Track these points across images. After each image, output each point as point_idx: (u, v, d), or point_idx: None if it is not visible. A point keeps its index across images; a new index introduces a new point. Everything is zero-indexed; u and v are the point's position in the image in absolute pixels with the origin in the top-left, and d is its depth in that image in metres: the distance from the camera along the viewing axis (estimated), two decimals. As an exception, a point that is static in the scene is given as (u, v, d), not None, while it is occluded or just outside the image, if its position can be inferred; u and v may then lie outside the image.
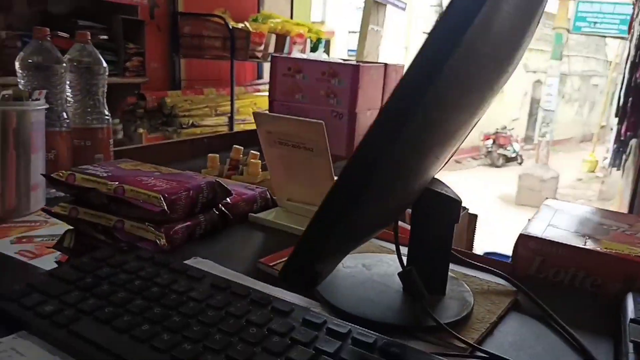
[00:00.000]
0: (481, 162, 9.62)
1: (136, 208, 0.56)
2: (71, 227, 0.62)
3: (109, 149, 0.98)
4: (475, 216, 0.82)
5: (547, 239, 0.57)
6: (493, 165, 9.42)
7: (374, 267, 0.51)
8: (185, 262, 0.51)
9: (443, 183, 0.47)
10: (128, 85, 2.32)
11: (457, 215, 0.46)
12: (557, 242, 0.56)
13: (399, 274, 0.42)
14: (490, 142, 9.42)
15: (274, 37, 2.52)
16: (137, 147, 1.32)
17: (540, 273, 0.57)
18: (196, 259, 0.54)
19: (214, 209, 0.65)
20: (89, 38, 0.96)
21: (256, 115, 0.63)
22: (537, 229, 0.60)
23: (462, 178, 6.94)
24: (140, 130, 2.29)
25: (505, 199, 6.94)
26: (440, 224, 0.46)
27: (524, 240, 0.58)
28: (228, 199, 0.66)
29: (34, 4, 2.23)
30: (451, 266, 0.55)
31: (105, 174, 0.60)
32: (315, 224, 0.28)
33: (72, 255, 0.58)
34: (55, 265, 0.54)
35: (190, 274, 0.45)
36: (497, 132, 9.38)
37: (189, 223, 0.60)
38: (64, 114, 0.93)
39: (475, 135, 9.03)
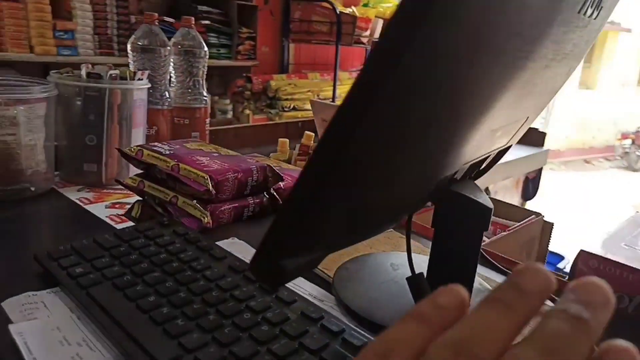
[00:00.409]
0: (615, 164, 8.65)
1: (188, 186, 0.60)
2: (140, 198, 0.68)
3: (205, 128, 1.04)
4: (550, 224, 0.75)
5: (611, 259, 0.50)
6: (630, 168, 8.42)
7: (401, 267, 0.49)
8: (220, 242, 0.53)
9: (477, 188, 0.44)
10: (239, 68, 2.44)
11: (486, 223, 0.42)
12: (622, 264, 0.49)
13: (407, 279, 0.40)
14: (628, 142, 8.40)
15: (380, 22, 2.48)
16: (230, 127, 1.39)
17: (600, 296, 0.51)
18: (233, 240, 0.56)
19: (264, 192, 0.66)
20: (193, 23, 1.02)
21: (312, 103, 0.63)
22: (605, 246, 0.53)
23: (589, 179, 6.31)
24: (247, 111, 2.41)
25: (640, 208, 6.20)
26: (467, 231, 0.42)
27: (584, 257, 0.52)
28: (281, 183, 0.67)
29: (164, -10, 2.43)
30: (493, 276, 0.51)
31: (168, 152, 0.65)
32: (279, 216, 0.27)
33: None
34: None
35: (212, 254, 0.47)
36: (638, 131, 8.34)
37: (236, 204, 0.62)
38: (167, 93, 1.01)
39: (611, 133, 8.12)
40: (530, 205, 2.07)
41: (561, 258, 1.56)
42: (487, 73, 0.27)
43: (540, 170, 1.97)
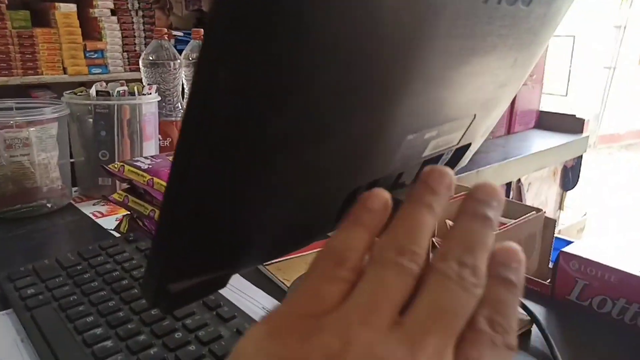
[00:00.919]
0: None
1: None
2: (128, 213, 0.69)
3: (218, 138, 1.06)
4: (553, 221, 0.70)
5: (593, 260, 0.46)
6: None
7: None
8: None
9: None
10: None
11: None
12: (603, 265, 0.45)
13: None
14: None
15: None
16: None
17: (582, 300, 0.47)
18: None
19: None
20: (202, 35, 1.04)
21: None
22: (588, 249, 0.49)
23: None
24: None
25: None
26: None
27: (564, 258, 0.48)
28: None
29: (191, 4, 2.48)
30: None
31: (147, 166, 0.65)
32: (154, 240, 0.26)
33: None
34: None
35: (166, 270, 0.47)
36: None
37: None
38: (179, 104, 1.04)
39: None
40: (571, 195, 1.96)
41: (569, 242, 1.44)
42: (359, 82, 0.25)
43: (580, 158, 1.86)
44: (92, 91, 0.89)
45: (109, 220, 0.77)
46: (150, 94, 0.93)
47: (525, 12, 0.34)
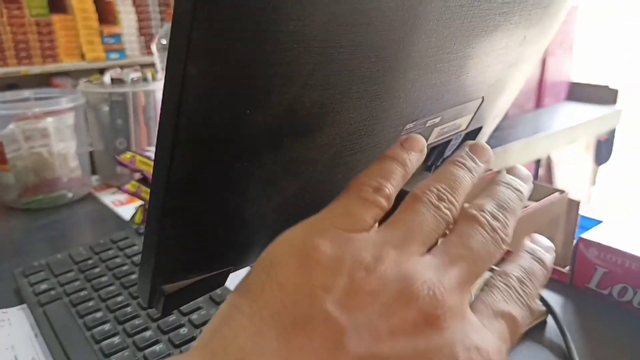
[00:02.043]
0: None
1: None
2: (142, 203, 0.70)
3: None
4: (577, 203, 0.67)
5: (612, 247, 0.44)
6: None
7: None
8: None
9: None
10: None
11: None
12: (623, 252, 0.43)
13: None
14: None
15: None
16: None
17: (602, 289, 0.45)
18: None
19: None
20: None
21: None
22: (610, 233, 0.46)
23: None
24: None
25: None
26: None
27: (583, 244, 0.46)
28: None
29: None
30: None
31: (158, 157, 0.65)
32: (145, 240, 0.26)
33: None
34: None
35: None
36: None
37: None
38: None
39: None
40: (603, 168, 1.90)
41: (598, 222, 1.39)
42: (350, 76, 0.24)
43: (613, 131, 1.78)
44: (106, 79, 0.89)
45: (129, 208, 0.78)
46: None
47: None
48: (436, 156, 0.43)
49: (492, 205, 0.22)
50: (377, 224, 0.21)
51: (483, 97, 0.38)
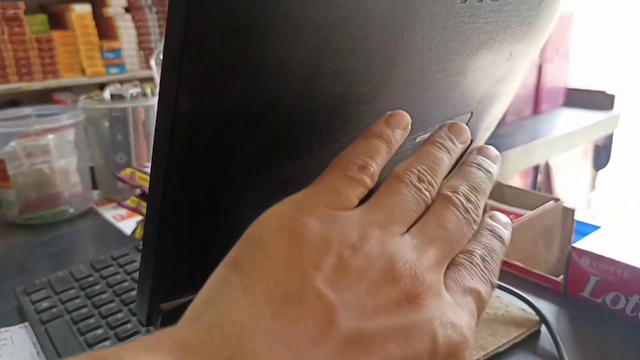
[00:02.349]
0: None
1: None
2: (142, 218, 0.71)
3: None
4: (572, 211, 0.67)
5: (605, 255, 0.44)
6: None
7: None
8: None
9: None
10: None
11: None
12: (615, 261, 0.44)
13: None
14: None
15: None
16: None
17: (596, 297, 0.45)
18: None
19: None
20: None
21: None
22: (604, 241, 0.47)
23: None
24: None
25: None
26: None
27: (576, 253, 0.46)
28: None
29: None
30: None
31: (158, 172, 0.66)
32: (142, 259, 0.27)
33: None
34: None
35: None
36: None
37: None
38: None
39: None
40: (602, 173, 1.90)
41: (596, 228, 1.39)
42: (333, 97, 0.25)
43: (611, 136, 1.79)
44: (106, 94, 0.90)
45: (130, 223, 0.78)
46: (164, 94, 0.94)
47: (514, 4, 0.32)
48: (428, 170, 0.44)
49: (465, 187, 0.23)
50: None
51: (472, 112, 0.39)
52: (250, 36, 0.19)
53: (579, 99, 1.78)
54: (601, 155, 1.86)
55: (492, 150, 0.28)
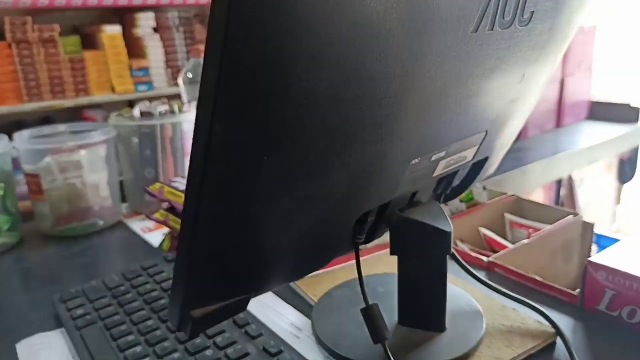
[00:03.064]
0: None
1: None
2: (170, 230, 0.74)
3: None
4: (590, 225, 0.68)
5: (620, 270, 0.45)
6: None
7: (386, 293, 0.48)
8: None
9: (438, 209, 0.42)
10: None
11: (446, 247, 0.40)
12: (632, 275, 0.44)
13: (361, 310, 0.39)
14: None
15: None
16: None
17: (612, 310, 0.46)
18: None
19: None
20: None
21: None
22: (620, 254, 0.48)
23: None
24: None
25: None
26: (427, 257, 0.41)
27: (592, 267, 0.47)
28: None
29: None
30: (494, 295, 0.49)
31: (184, 187, 0.69)
32: (175, 270, 0.29)
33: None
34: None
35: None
36: None
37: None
38: None
39: None
40: (627, 187, 1.87)
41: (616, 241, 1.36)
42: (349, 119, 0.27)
43: (637, 149, 1.77)
44: (136, 112, 0.94)
45: (157, 235, 0.81)
46: (190, 111, 0.97)
47: (525, 31, 0.34)
48: (445, 185, 0.45)
49: None
50: None
51: (487, 131, 0.41)
52: (277, 69, 0.21)
53: (602, 112, 1.76)
54: (626, 168, 1.84)
55: None
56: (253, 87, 0.22)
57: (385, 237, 0.42)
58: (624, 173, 1.83)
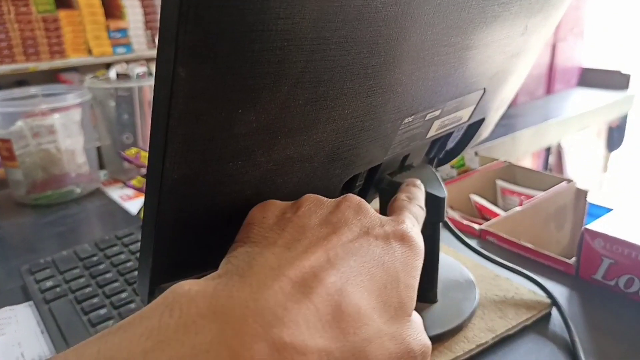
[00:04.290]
0: None
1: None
2: (149, 198, 0.70)
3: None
4: (584, 192, 0.66)
5: (619, 237, 0.43)
6: None
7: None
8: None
9: (432, 174, 0.39)
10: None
11: (439, 213, 0.38)
12: (630, 243, 0.42)
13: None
14: None
15: None
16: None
17: (609, 280, 0.44)
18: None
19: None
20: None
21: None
22: (617, 223, 0.46)
23: None
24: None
25: None
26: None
27: (589, 235, 0.45)
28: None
29: None
30: (486, 264, 0.47)
31: (163, 152, 0.66)
32: (141, 241, 0.26)
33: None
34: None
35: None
36: None
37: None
38: None
39: None
40: (615, 155, 1.87)
41: (609, 210, 1.36)
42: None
43: (625, 117, 1.75)
44: (112, 74, 0.89)
45: (136, 203, 0.78)
46: (170, 72, 0.93)
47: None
48: (438, 148, 0.42)
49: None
50: None
51: (485, 89, 0.38)
52: (250, 3, 0.18)
53: (593, 78, 1.74)
54: (615, 136, 1.83)
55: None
56: (221, 23, 0.18)
57: (375, 204, 0.39)
58: (613, 141, 1.83)
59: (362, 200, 0.27)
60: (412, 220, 0.27)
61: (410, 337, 0.22)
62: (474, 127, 0.44)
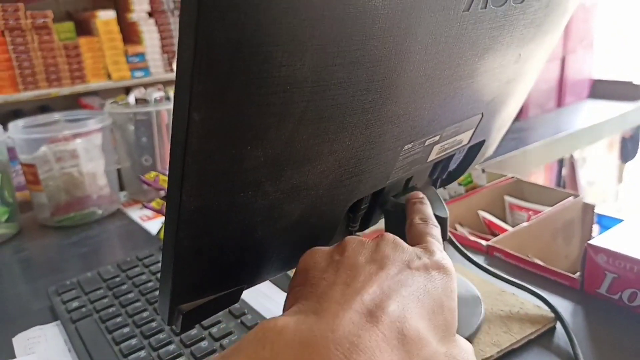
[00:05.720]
0: None
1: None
2: (167, 219, 0.73)
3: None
4: (591, 206, 0.67)
5: (621, 252, 0.44)
6: None
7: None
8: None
9: (434, 195, 0.41)
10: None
11: (443, 233, 0.39)
12: (632, 258, 0.44)
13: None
14: None
15: None
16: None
17: (612, 294, 0.45)
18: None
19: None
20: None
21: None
22: (621, 237, 0.47)
23: None
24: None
25: None
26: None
27: (592, 250, 0.46)
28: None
29: None
30: (492, 280, 0.48)
31: (181, 175, 0.68)
32: (162, 265, 0.28)
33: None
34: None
35: (196, 278, 0.49)
36: None
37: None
38: None
39: None
40: (630, 166, 1.86)
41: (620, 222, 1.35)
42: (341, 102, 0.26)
43: (638, 127, 1.75)
44: (131, 99, 0.93)
45: (156, 223, 0.81)
46: (186, 97, 0.96)
47: (520, 9, 0.33)
48: (441, 170, 0.44)
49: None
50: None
51: (482, 113, 0.40)
52: (255, 54, 0.20)
53: (604, 90, 1.74)
54: (628, 147, 1.82)
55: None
56: (231, 72, 0.20)
57: (382, 223, 0.41)
58: (627, 152, 1.82)
59: (396, 237, 0.30)
60: (438, 245, 0.31)
61: (459, 356, 0.25)
62: (475, 148, 0.45)
